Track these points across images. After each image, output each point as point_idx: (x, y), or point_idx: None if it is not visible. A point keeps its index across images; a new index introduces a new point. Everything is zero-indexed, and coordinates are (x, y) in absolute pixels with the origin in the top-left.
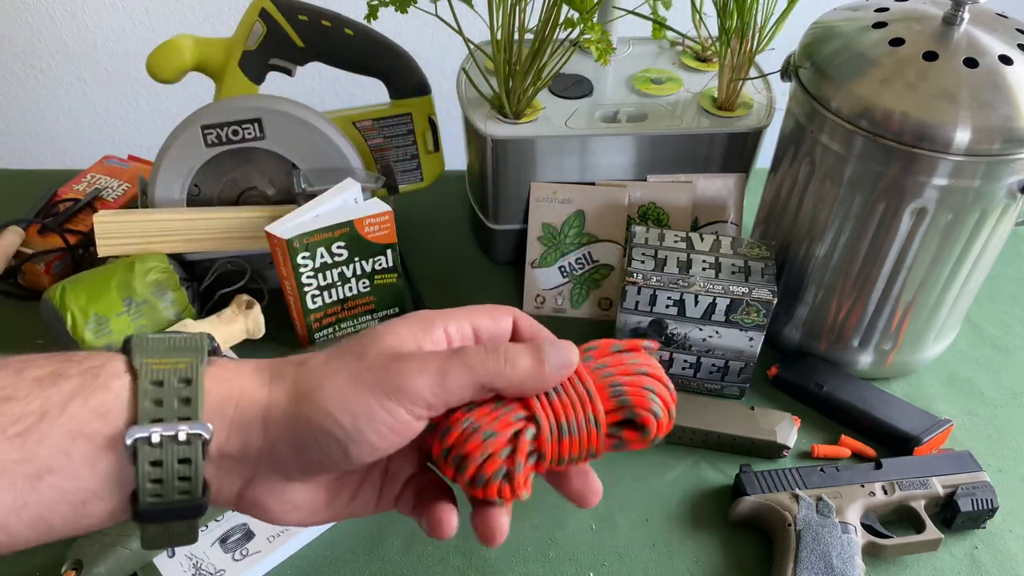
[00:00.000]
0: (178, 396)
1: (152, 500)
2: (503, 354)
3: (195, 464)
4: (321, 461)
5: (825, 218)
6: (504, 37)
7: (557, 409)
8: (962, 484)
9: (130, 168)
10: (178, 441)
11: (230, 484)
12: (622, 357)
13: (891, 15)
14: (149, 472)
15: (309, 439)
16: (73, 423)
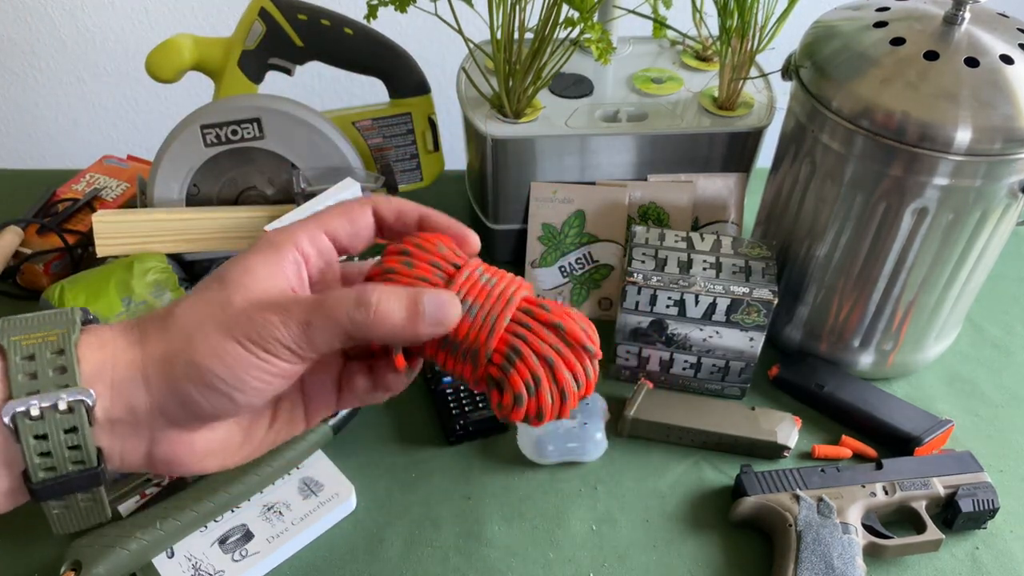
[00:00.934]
0: (52, 366)
1: (45, 475)
2: (374, 304)
3: (82, 431)
4: (212, 412)
5: (826, 218)
6: (504, 36)
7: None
8: (963, 484)
9: (129, 168)
10: (59, 410)
11: (133, 448)
12: (546, 334)
13: (892, 14)
14: (35, 446)
15: (193, 394)
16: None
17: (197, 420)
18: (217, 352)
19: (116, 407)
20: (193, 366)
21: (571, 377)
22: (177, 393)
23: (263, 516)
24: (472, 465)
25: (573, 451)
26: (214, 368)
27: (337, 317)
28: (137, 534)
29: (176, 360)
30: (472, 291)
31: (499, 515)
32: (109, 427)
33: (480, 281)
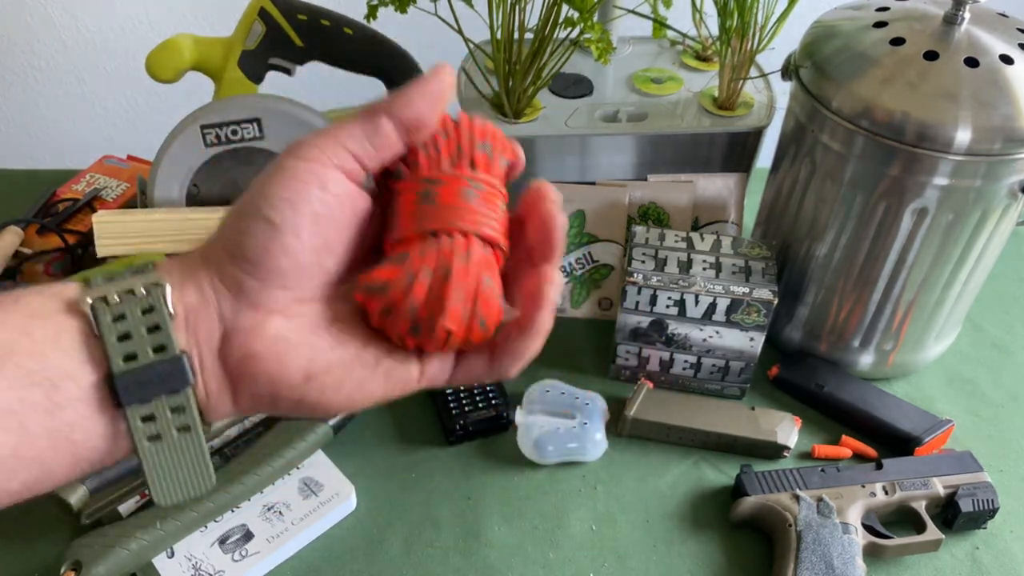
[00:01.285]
0: (132, 270)
1: (126, 365)
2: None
3: (160, 310)
4: (256, 246)
5: (826, 218)
6: (504, 37)
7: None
8: (963, 484)
9: (129, 168)
10: (136, 295)
11: (207, 343)
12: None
13: (892, 14)
14: (113, 328)
15: (234, 230)
16: (29, 308)
17: (251, 272)
18: (267, 173)
19: (188, 294)
20: (243, 201)
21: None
22: (225, 238)
23: (263, 516)
24: (472, 465)
25: (573, 451)
26: (263, 187)
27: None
28: (137, 534)
29: (231, 212)
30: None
31: (499, 515)
32: (184, 322)
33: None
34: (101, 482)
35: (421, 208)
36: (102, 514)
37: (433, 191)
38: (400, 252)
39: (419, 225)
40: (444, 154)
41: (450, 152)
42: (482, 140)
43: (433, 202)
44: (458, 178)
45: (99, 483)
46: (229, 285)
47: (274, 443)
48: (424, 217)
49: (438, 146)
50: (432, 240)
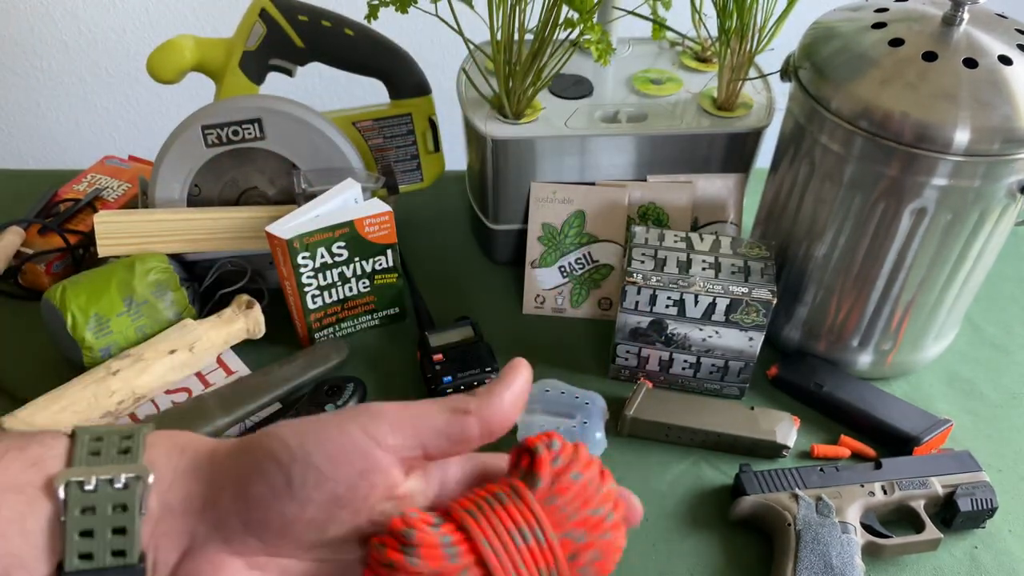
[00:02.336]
0: (118, 448)
1: (81, 563)
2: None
3: (132, 511)
4: (261, 498)
5: (825, 218)
6: (504, 37)
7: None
8: (962, 484)
9: (130, 168)
10: (115, 486)
11: (165, 555)
12: (584, 493)
13: (891, 15)
14: (79, 522)
15: (251, 466)
16: (5, 475)
17: (243, 520)
18: (296, 427)
19: (174, 493)
20: (264, 436)
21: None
22: (238, 471)
23: None
24: None
25: None
26: (284, 436)
27: (444, 401)
28: None
29: (254, 438)
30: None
31: None
32: (156, 520)
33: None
34: None
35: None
36: None
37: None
38: None
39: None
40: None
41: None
42: (597, 549)
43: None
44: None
45: None
46: (215, 510)
47: None
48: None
49: (517, 558)
50: None
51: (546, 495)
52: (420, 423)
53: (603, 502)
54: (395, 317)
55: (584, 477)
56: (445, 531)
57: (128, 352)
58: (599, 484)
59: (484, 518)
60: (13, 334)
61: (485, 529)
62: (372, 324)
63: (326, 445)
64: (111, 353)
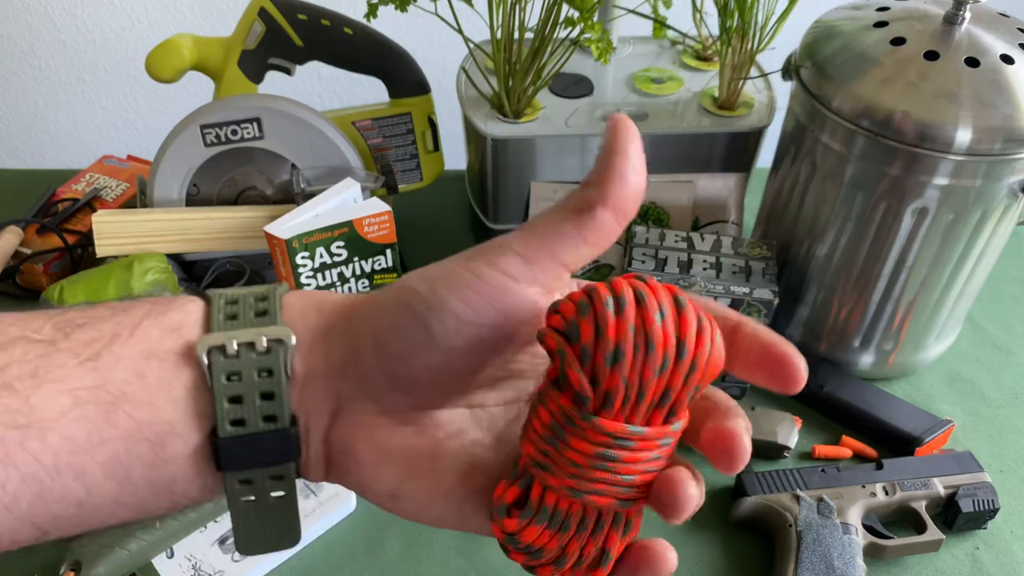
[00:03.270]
0: (255, 310)
1: (233, 430)
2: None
3: (278, 376)
4: (404, 353)
5: (826, 218)
6: (504, 36)
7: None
8: (963, 485)
9: (129, 168)
10: (257, 350)
11: (317, 420)
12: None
13: (892, 14)
14: (226, 388)
15: (388, 321)
16: (146, 343)
17: (387, 374)
18: (426, 273)
19: (315, 354)
20: (395, 288)
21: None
22: (375, 327)
23: None
24: None
25: None
26: (415, 285)
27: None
28: (137, 534)
29: (387, 291)
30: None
31: None
32: (301, 384)
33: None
34: None
35: (551, 439)
36: None
37: (573, 434)
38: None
39: (541, 463)
40: (637, 398)
41: (648, 396)
42: (699, 382)
43: (567, 446)
44: (611, 438)
45: None
46: (358, 368)
47: None
48: (548, 457)
49: (639, 383)
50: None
51: (599, 401)
52: (550, 242)
53: (663, 350)
54: None
55: (626, 346)
56: (535, 502)
57: None
58: (645, 338)
59: (559, 468)
60: None
61: (567, 480)
62: None
63: (459, 288)
64: None
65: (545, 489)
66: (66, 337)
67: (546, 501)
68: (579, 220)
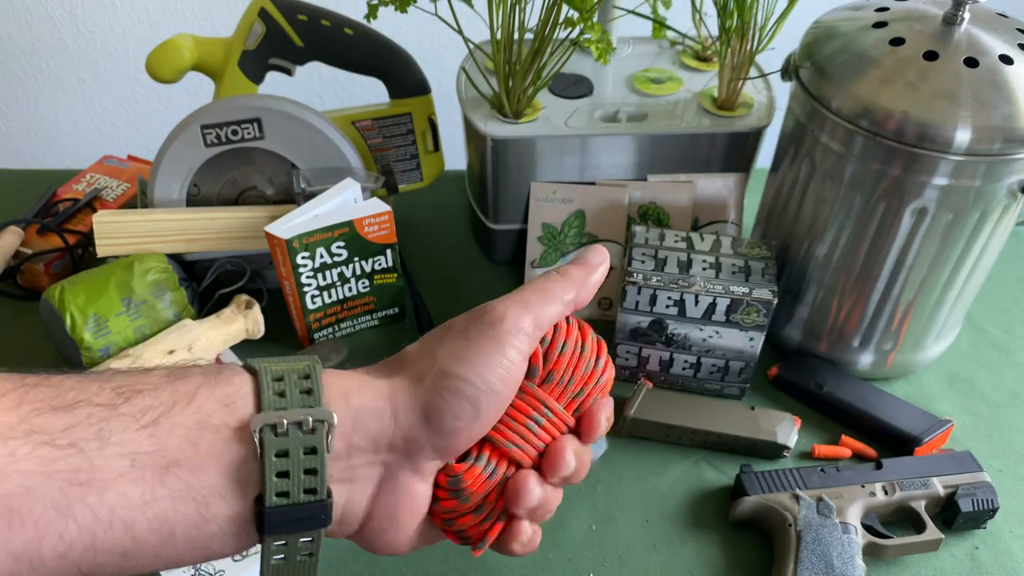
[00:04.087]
0: (300, 388)
1: (278, 500)
2: (579, 277)
3: (321, 455)
4: (455, 427)
5: (825, 218)
6: (504, 37)
7: (545, 451)
8: (963, 484)
9: (129, 168)
10: (303, 429)
11: (362, 490)
12: (572, 358)
13: (891, 15)
14: (275, 464)
15: (441, 406)
16: (201, 413)
17: (437, 444)
18: (464, 359)
19: (357, 433)
20: (446, 377)
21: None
22: (426, 411)
23: None
24: None
25: None
26: (464, 374)
27: (554, 289)
28: None
29: (426, 378)
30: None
31: None
32: (345, 458)
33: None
34: None
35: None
36: None
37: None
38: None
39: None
40: (567, 383)
41: (573, 385)
42: (596, 393)
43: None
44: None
45: None
46: (406, 443)
47: None
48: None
49: (571, 373)
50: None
51: (543, 376)
52: (547, 322)
53: (590, 356)
54: (395, 317)
55: (569, 345)
56: (475, 451)
57: (127, 352)
58: (582, 343)
59: (501, 424)
60: (12, 334)
61: (507, 434)
62: (372, 324)
63: (498, 373)
64: (110, 353)
65: (484, 441)
66: (126, 402)
67: (483, 449)
68: (565, 310)
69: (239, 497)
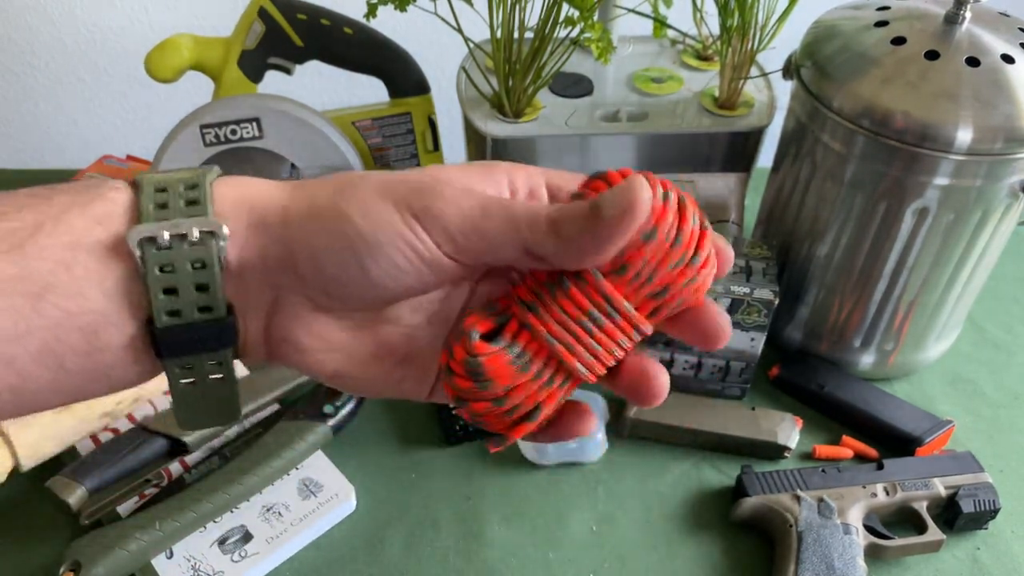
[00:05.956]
0: (185, 198)
1: (169, 320)
2: (552, 219)
3: (211, 268)
4: (338, 278)
5: (826, 218)
6: (504, 36)
7: (602, 360)
8: (964, 485)
9: (129, 168)
10: (189, 241)
11: (255, 309)
12: (659, 252)
13: (893, 14)
14: (160, 279)
15: (325, 245)
16: (72, 234)
17: (323, 288)
18: (365, 202)
19: (249, 248)
20: (334, 211)
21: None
22: (311, 243)
23: (262, 517)
24: (472, 465)
25: (573, 451)
26: (355, 217)
27: (518, 218)
28: (136, 534)
29: (320, 204)
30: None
31: (499, 515)
32: (237, 274)
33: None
34: (100, 482)
35: (551, 285)
36: (101, 515)
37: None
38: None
39: (529, 303)
40: (646, 280)
41: (654, 282)
42: (689, 295)
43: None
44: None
45: (98, 483)
46: (295, 273)
47: (273, 444)
48: (539, 299)
49: (653, 267)
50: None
51: (614, 266)
52: (485, 239)
53: (685, 249)
54: None
55: (659, 234)
56: (508, 336)
57: None
58: (678, 228)
59: (547, 312)
60: None
61: (551, 325)
62: None
63: (396, 241)
64: None
65: (521, 327)
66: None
67: (519, 338)
68: (529, 239)
69: (130, 320)
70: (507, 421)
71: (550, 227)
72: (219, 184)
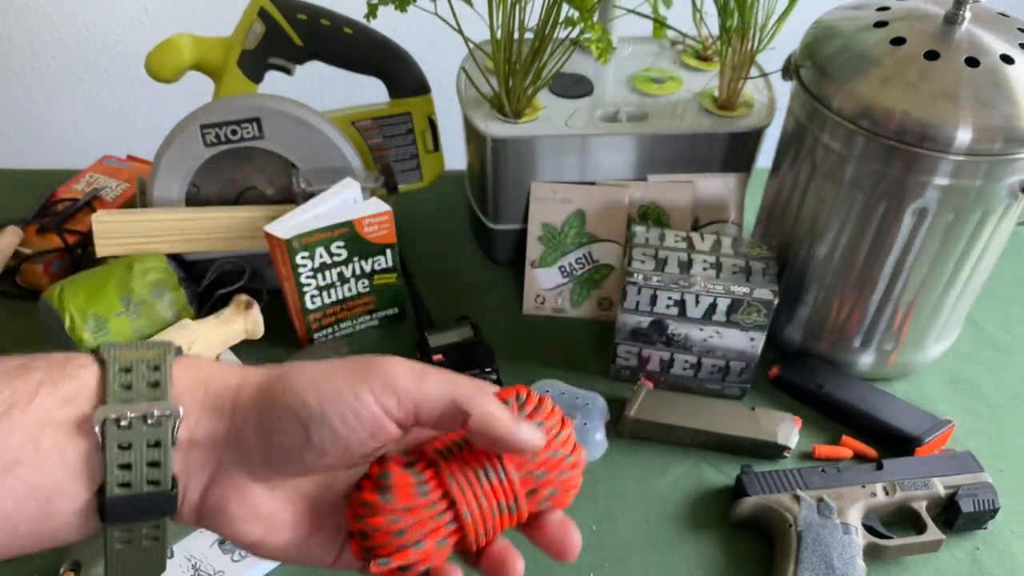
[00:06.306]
0: (147, 380)
1: (120, 491)
2: (490, 406)
3: (164, 448)
4: (283, 446)
5: (826, 218)
6: (504, 36)
7: (484, 513)
8: (963, 485)
9: (129, 168)
10: (148, 422)
11: (196, 481)
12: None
13: (892, 14)
14: (118, 456)
15: (273, 418)
16: (41, 412)
17: (265, 458)
18: (314, 380)
19: (200, 428)
20: (285, 389)
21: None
22: (260, 418)
23: None
24: None
25: None
26: (303, 393)
27: (457, 381)
28: None
29: (272, 384)
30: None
31: None
32: (185, 450)
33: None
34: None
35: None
36: None
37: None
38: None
39: (442, 453)
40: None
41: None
42: (557, 486)
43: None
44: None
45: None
46: (239, 446)
47: None
48: (450, 452)
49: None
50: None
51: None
52: (424, 406)
53: (562, 446)
54: (394, 317)
55: (546, 425)
56: (418, 469)
57: None
58: (559, 430)
59: (452, 458)
60: (11, 334)
61: (452, 467)
62: (371, 324)
63: (342, 409)
64: None
65: (428, 464)
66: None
67: (425, 471)
68: (451, 411)
69: (83, 491)
70: (394, 543)
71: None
72: (178, 365)
